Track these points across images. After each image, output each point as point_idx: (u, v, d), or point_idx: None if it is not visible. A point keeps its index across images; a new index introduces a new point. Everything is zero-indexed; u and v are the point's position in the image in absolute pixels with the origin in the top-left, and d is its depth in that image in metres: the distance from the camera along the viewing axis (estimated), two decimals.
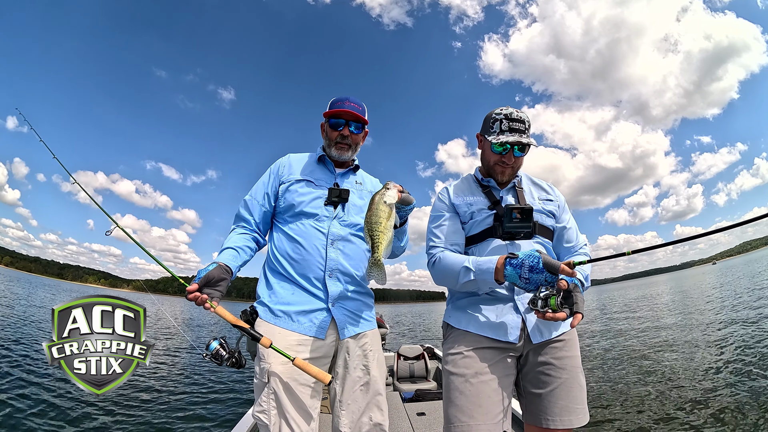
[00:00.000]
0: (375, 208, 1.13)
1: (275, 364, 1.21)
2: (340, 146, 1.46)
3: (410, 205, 1.24)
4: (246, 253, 1.39)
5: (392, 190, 1.16)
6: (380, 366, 1.40)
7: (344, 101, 1.43)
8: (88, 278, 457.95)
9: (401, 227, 1.32)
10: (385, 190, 1.16)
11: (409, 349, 4.66)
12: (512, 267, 1.07)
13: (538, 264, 1.02)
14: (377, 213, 1.12)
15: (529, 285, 1.05)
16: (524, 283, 1.05)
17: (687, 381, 5.68)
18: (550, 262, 1.01)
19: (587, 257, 1.33)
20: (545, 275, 1.01)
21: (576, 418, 1.17)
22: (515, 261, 1.07)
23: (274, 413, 1.18)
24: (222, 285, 1.24)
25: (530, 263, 1.03)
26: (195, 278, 1.20)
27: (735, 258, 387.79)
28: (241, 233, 1.43)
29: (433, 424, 2.74)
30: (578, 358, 1.26)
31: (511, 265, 1.07)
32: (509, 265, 1.07)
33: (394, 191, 1.16)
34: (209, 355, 1.23)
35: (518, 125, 1.27)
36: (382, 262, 1.16)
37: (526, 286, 1.05)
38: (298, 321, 1.29)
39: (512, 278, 1.07)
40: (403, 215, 1.27)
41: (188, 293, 1.16)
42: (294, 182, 1.44)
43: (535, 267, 1.02)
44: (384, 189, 1.17)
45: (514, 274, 1.06)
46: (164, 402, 5.60)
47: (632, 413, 4.63)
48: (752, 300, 14.81)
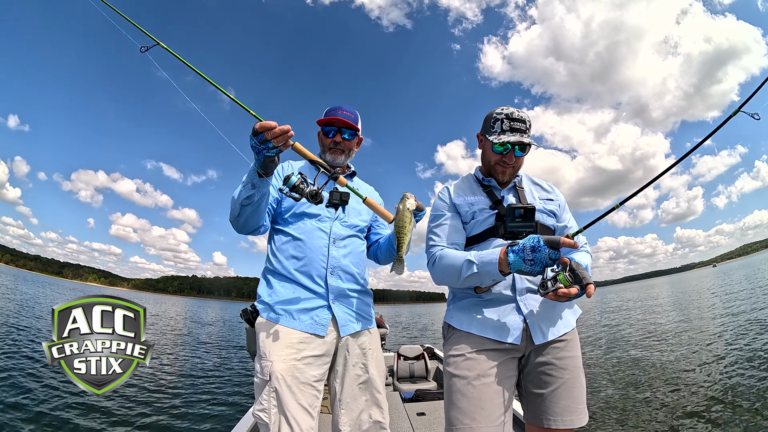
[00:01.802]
0: (401, 215, 1.31)
1: (277, 362, 1.21)
2: (333, 151, 1.52)
3: (423, 211, 1.41)
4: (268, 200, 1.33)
5: (411, 199, 1.33)
6: (379, 365, 1.42)
7: (337, 110, 1.51)
8: (88, 277, 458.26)
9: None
10: (406, 200, 1.33)
11: (409, 349, 4.66)
12: (515, 253, 1.06)
13: (539, 243, 1.02)
14: (403, 219, 1.30)
15: (534, 267, 1.03)
16: (530, 266, 1.04)
17: (686, 381, 5.68)
18: (550, 238, 1.03)
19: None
20: (548, 252, 1.01)
21: (577, 418, 1.17)
22: (516, 247, 1.06)
23: (274, 412, 1.18)
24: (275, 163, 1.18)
25: (531, 243, 1.03)
26: None
27: (735, 261, 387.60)
28: None
29: (433, 425, 2.73)
30: (579, 358, 1.26)
31: (514, 252, 1.06)
32: (512, 252, 1.06)
33: (412, 200, 1.33)
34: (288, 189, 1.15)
35: (519, 125, 1.27)
36: (403, 259, 1.34)
37: (532, 269, 1.04)
38: (300, 319, 1.30)
39: (517, 264, 1.05)
40: (417, 220, 1.43)
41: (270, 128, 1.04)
42: None
43: (536, 246, 1.02)
44: (404, 199, 1.34)
45: (518, 260, 1.05)
46: (164, 402, 5.60)
47: (631, 413, 4.62)
48: (751, 302, 14.81)
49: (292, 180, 1.14)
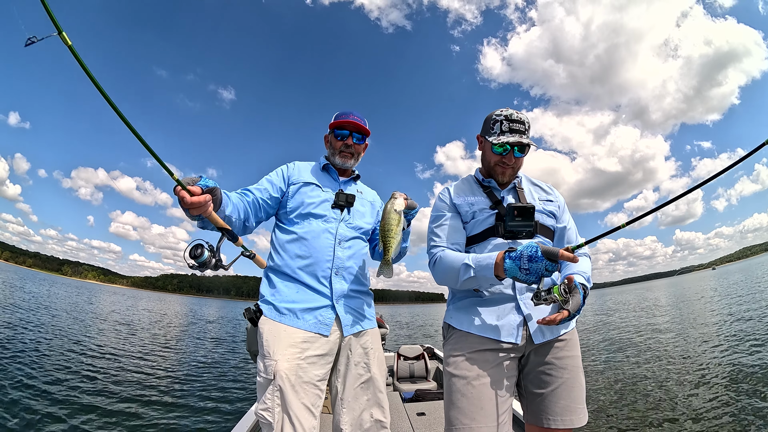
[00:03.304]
0: (387, 217, 1.28)
1: (281, 362, 1.22)
2: (344, 154, 1.54)
3: (415, 210, 1.36)
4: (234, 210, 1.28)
5: (399, 199, 1.29)
6: (380, 364, 1.42)
7: (348, 114, 1.53)
8: (87, 274, 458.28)
9: (406, 230, 1.40)
10: (393, 200, 1.29)
11: (409, 349, 4.66)
12: (511, 260, 1.05)
13: (537, 252, 1.01)
14: (389, 221, 1.27)
15: (530, 276, 1.03)
16: (525, 275, 1.03)
17: (685, 381, 5.68)
18: (549, 249, 1.01)
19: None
20: (545, 263, 1.00)
21: (577, 417, 1.17)
22: (514, 254, 1.06)
23: (278, 411, 1.18)
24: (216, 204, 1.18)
25: (528, 253, 1.02)
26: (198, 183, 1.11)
27: (735, 263, 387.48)
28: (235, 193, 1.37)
29: (433, 424, 2.73)
30: (579, 358, 1.27)
31: (510, 258, 1.06)
32: (508, 258, 1.06)
33: (401, 199, 1.29)
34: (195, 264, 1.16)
35: (518, 126, 1.28)
36: (391, 262, 1.33)
37: (527, 278, 1.04)
38: (304, 318, 1.31)
39: (512, 271, 1.05)
40: (409, 219, 1.39)
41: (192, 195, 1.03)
42: (303, 184, 1.49)
43: (533, 256, 1.01)
44: (392, 199, 1.30)
45: (514, 267, 1.05)
46: (166, 400, 5.60)
47: (630, 413, 4.63)
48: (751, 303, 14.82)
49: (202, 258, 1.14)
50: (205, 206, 1.07)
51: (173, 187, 1.02)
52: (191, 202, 1.02)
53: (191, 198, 1.02)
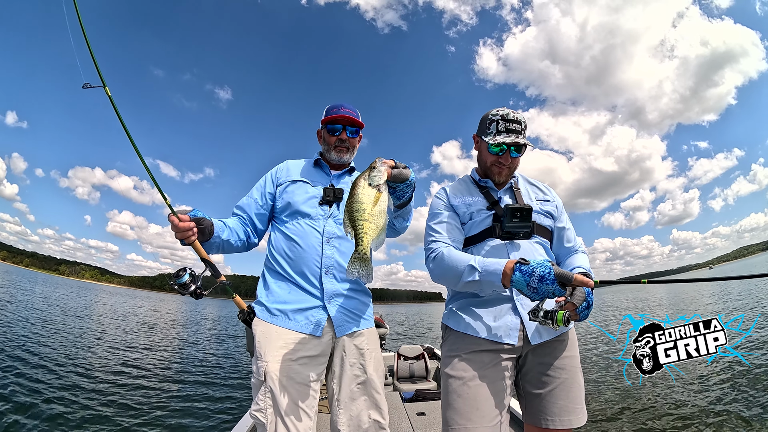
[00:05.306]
0: (356, 193, 0.94)
1: (272, 363, 1.21)
2: (339, 149, 1.51)
3: (407, 181, 1.08)
4: (232, 234, 1.40)
5: (378, 169, 0.96)
6: (377, 364, 1.40)
7: (339, 108, 1.49)
8: (84, 274, 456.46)
9: (406, 207, 1.25)
10: (370, 170, 0.95)
11: (409, 349, 4.65)
12: (521, 273, 1.00)
13: (550, 275, 0.97)
14: (359, 199, 0.93)
15: (535, 295, 0.99)
16: (531, 292, 1.00)
17: (685, 381, 5.70)
18: (563, 274, 0.97)
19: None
20: (554, 287, 0.97)
21: (575, 417, 1.17)
22: (526, 268, 1.00)
23: (270, 412, 1.18)
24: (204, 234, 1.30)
25: (541, 272, 0.97)
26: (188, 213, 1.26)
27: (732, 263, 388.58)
28: (234, 218, 1.47)
29: (433, 424, 2.73)
30: (577, 358, 1.26)
31: (521, 272, 1.00)
32: (518, 271, 1.01)
33: (382, 169, 0.97)
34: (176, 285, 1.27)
35: (514, 126, 1.28)
36: (368, 257, 0.97)
37: (531, 296, 1.01)
38: (295, 319, 1.30)
39: (519, 285, 1.01)
40: (402, 194, 1.12)
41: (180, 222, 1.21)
42: (290, 183, 1.48)
43: (545, 277, 0.97)
44: (369, 169, 0.97)
45: (522, 282, 1.00)
46: (164, 401, 5.58)
47: (630, 414, 4.64)
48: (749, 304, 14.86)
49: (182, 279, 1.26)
50: (190, 232, 1.22)
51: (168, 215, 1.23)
52: (179, 226, 1.20)
53: (180, 222, 1.21)
